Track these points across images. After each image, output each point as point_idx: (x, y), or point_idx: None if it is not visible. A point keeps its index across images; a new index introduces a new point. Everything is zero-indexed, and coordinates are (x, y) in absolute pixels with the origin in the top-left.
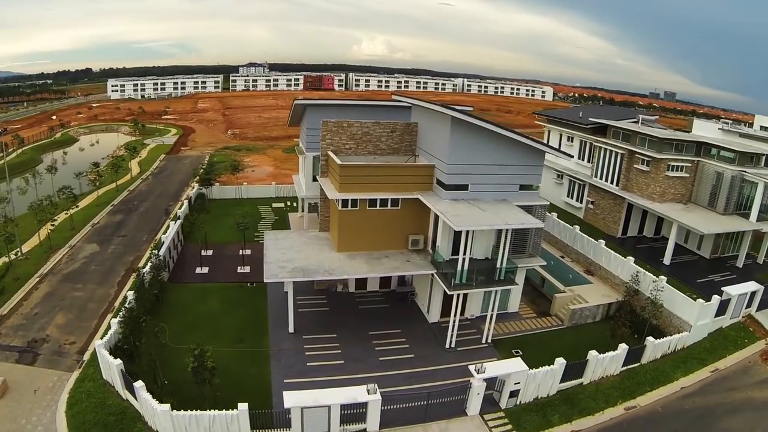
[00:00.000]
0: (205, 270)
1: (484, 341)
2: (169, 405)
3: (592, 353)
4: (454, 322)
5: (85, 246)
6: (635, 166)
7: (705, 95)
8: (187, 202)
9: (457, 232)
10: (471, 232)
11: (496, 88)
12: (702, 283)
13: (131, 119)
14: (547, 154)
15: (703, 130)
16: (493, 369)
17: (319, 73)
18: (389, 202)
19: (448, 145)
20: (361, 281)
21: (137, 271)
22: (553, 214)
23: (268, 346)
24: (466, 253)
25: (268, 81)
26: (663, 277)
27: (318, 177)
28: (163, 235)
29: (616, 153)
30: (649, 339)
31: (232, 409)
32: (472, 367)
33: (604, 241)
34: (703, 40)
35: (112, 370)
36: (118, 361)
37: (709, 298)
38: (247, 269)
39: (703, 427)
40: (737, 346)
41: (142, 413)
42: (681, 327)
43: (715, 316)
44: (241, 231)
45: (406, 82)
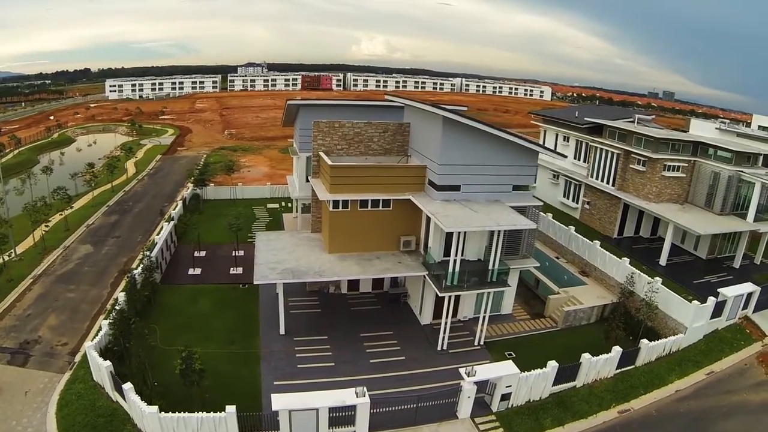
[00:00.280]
0: (198, 271)
1: (476, 343)
2: (156, 407)
3: (585, 356)
4: (445, 324)
5: (79, 247)
6: (631, 166)
7: (704, 95)
8: (181, 203)
9: (449, 234)
10: (462, 233)
11: (495, 87)
12: (698, 284)
13: (128, 119)
14: (542, 155)
15: (700, 129)
16: (484, 372)
17: (317, 73)
18: (380, 203)
19: (439, 145)
20: (354, 282)
21: (128, 272)
22: (548, 215)
23: (259, 347)
24: (458, 255)
25: (266, 81)
26: (658, 278)
27: (309, 178)
28: (157, 236)
29: (612, 153)
30: (644, 341)
31: (221, 411)
32: (462, 370)
33: (599, 242)
34: (702, 39)
35: (101, 371)
36: (108, 363)
37: (705, 300)
38: (240, 270)
39: (698, 431)
40: (733, 348)
41: (131, 415)
42: (676, 329)
43: (711, 318)
44: (234, 232)
45: (404, 82)
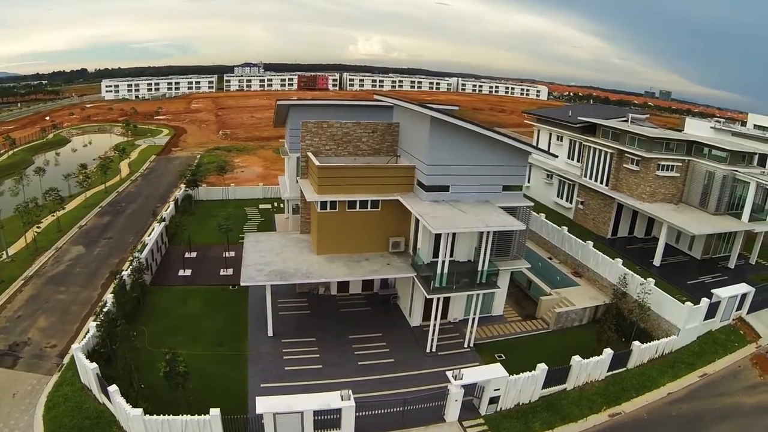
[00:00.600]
0: (188, 272)
1: (466, 345)
2: (141, 410)
3: (576, 358)
4: (434, 326)
5: (71, 248)
6: (625, 165)
7: (701, 94)
8: (173, 204)
9: (437, 235)
10: (451, 234)
11: (491, 87)
12: (692, 285)
13: (123, 120)
14: (535, 154)
15: (695, 129)
16: (471, 375)
17: (313, 73)
18: (369, 203)
19: (427, 145)
20: (344, 284)
21: (116, 274)
22: (541, 215)
23: (247, 349)
24: (446, 256)
25: (262, 81)
26: (651, 279)
27: (298, 179)
28: (147, 237)
29: (606, 152)
30: (635, 343)
31: (208, 413)
32: (449, 373)
33: (591, 243)
34: (700, 39)
35: (88, 374)
36: (94, 365)
37: (699, 301)
38: (230, 271)
39: None
40: (727, 350)
41: (117, 417)
42: (669, 330)
43: (705, 319)
44: (224, 233)
45: (401, 81)
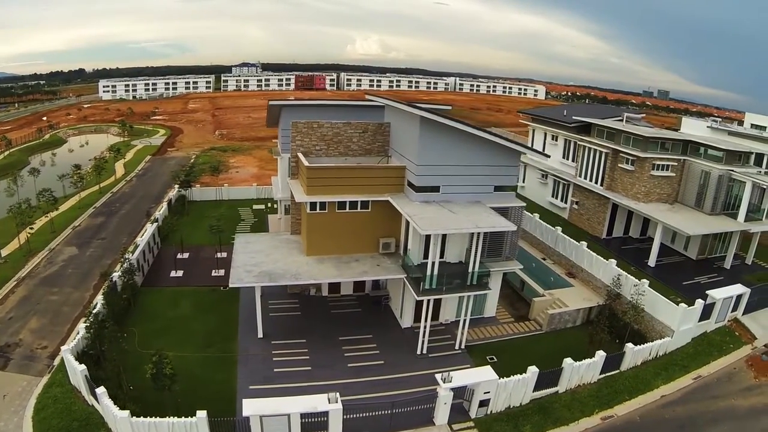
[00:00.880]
0: (180, 273)
1: (457, 347)
2: (128, 411)
3: (567, 361)
4: (425, 327)
5: (64, 249)
6: (619, 165)
7: (700, 94)
8: (166, 205)
9: (428, 236)
10: (441, 235)
11: (488, 87)
12: (687, 286)
13: (120, 120)
14: (529, 154)
15: (691, 128)
16: (461, 378)
17: (310, 73)
18: (359, 204)
19: (417, 145)
20: (335, 285)
21: (106, 276)
22: (535, 215)
23: (237, 351)
24: (435, 257)
25: (259, 81)
26: (645, 280)
27: (288, 179)
28: (140, 238)
29: (601, 152)
30: (629, 345)
31: (195, 415)
32: (438, 376)
33: (585, 243)
34: (698, 38)
35: (76, 375)
36: (82, 367)
37: (694, 302)
38: (222, 272)
39: None
40: (722, 352)
41: (105, 419)
42: (663, 332)
43: (700, 321)
44: (215, 234)
45: (398, 81)
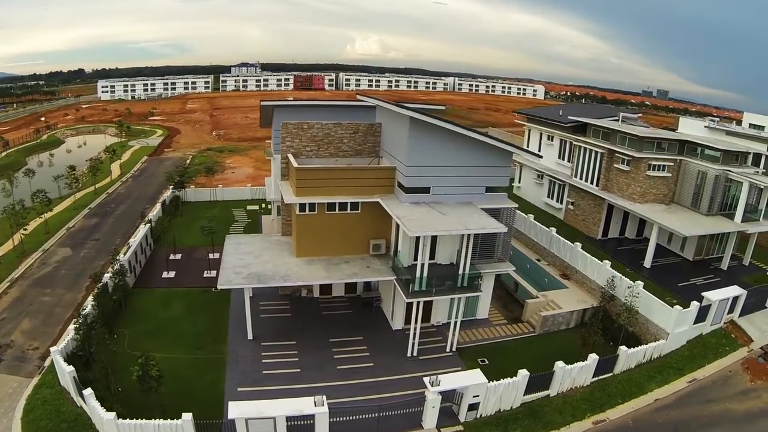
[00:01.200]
0: (172, 274)
1: (448, 350)
2: (114, 413)
3: (559, 364)
4: (414, 330)
5: (58, 250)
6: (615, 165)
7: (699, 93)
8: (160, 206)
9: (417, 237)
10: (430, 237)
11: (487, 86)
12: (683, 287)
13: (117, 121)
14: (523, 154)
15: (688, 128)
16: (449, 381)
17: (309, 73)
18: (348, 205)
19: (406, 146)
20: (326, 286)
21: (96, 278)
22: (530, 216)
23: (226, 352)
24: (425, 259)
25: (258, 81)
26: (639, 282)
27: (279, 180)
28: (132, 239)
29: (596, 152)
30: (622, 348)
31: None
32: (426, 379)
33: (580, 244)
34: (697, 38)
35: (65, 377)
36: (71, 368)
37: (689, 303)
38: (214, 273)
39: None
40: (717, 355)
41: (93, 421)
42: (658, 334)
43: (695, 323)
44: (207, 235)
45: (397, 81)
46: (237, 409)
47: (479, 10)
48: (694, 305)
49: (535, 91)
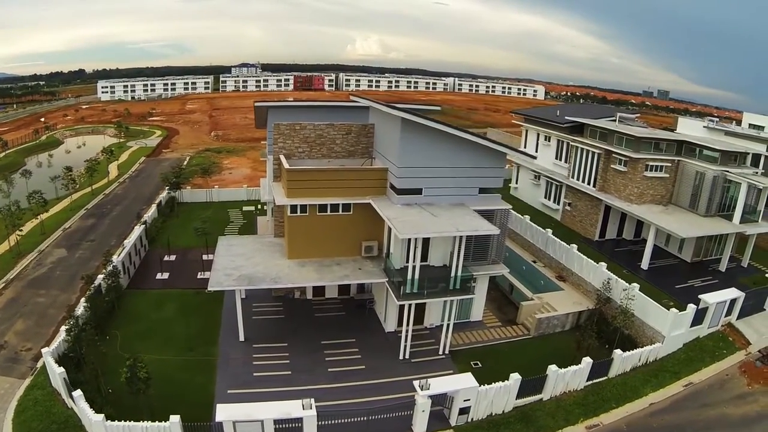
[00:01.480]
0: (166, 276)
1: (441, 352)
2: (103, 415)
3: (552, 368)
4: (406, 332)
5: (53, 251)
6: (612, 166)
7: (699, 93)
8: (155, 207)
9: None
10: (421, 238)
11: (488, 87)
12: (681, 289)
13: (116, 121)
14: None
15: (687, 128)
16: (439, 385)
17: (309, 74)
18: (340, 207)
19: (398, 147)
20: (320, 288)
21: (88, 279)
22: (526, 217)
23: (217, 354)
24: (416, 261)
25: (258, 81)
26: (635, 284)
27: (271, 181)
28: (127, 240)
29: (593, 153)
30: (617, 352)
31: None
32: (416, 383)
33: (576, 246)
34: (698, 38)
35: (56, 378)
36: (61, 370)
37: (686, 306)
38: (208, 275)
39: None
40: (714, 358)
41: (83, 422)
42: (654, 337)
43: (692, 326)
44: (200, 236)
45: (397, 81)
46: (225, 412)
47: (479, 10)
48: (691, 308)
49: (535, 91)
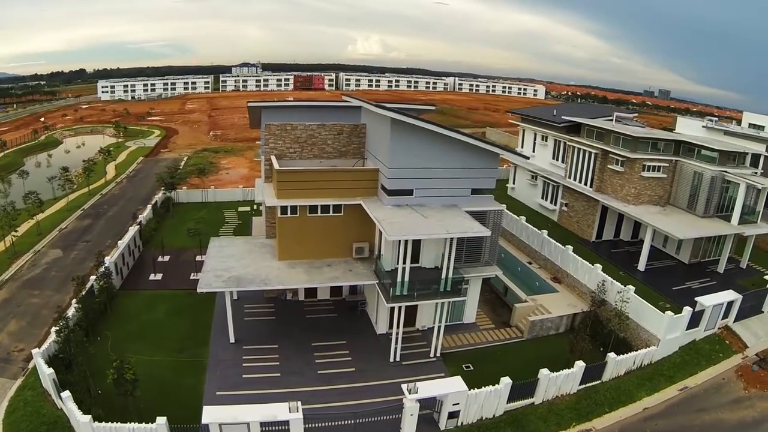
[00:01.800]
0: (159, 277)
1: (432, 355)
2: (90, 416)
3: (543, 372)
4: (397, 334)
5: (48, 251)
6: (609, 166)
7: (700, 93)
8: (150, 207)
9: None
10: (411, 240)
11: (488, 86)
12: (678, 291)
13: (114, 122)
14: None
15: (686, 128)
16: (428, 389)
17: (309, 73)
18: (331, 208)
19: (388, 147)
20: (312, 289)
21: (79, 280)
22: (521, 217)
23: (207, 356)
24: (406, 263)
25: (258, 81)
26: (630, 286)
27: (263, 182)
28: (120, 241)
29: (590, 153)
30: (610, 355)
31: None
32: (404, 386)
33: (571, 247)
34: (699, 38)
35: (45, 379)
36: (50, 371)
37: (683, 308)
38: (201, 276)
39: None
40: (710, 362)
41: (72, 423)
42: (649, 341)
43: (688, 329)
44: (193, 237)
45: (397, 81)
46: (211, 414)
47: (480, 10)
48: (687, 311)
49: (535, 91)
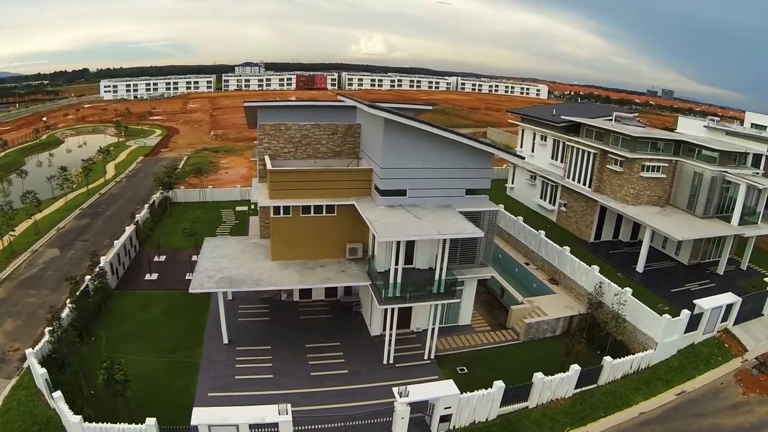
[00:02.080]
0: (155, 276)
1: (426, 357)
2: (80, 416)
3: (538, 375)
4: (390, 336)
5: (46, 251)
6: (608, 166)
7: (704, 93)
8: (147, 207)
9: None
10: (405, 241)
11: (490, 86)
12: (676, 293)
13: (116, 121)
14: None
15: (687, 127)
16: (419, 392)
17: (311, 73)
18: (324, 208)
19: (381, 147)
20: (306, 290)
21: (71, 280)
22: (519, 218)
23: (201, 357)
24: (399, 264)
25: (260, 81)
26: (627, 288)
27: (257, 182)
28: (115, 241)
29: (589, 153)
30: (606, 359)
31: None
32: (395, 389)
33: (568, 248)
34: (702, 38)
35: (38, 379)
36: (43, 371)
37: (681, 311)
38: (193, 276)
39: None
40: (709, 365)
41: (63, 423)
42: (646, 344)
43: (686, 332)
44: (188, 237)
45: (400, 81)
46: (200, 416)
47: (483, 10)
48: (685, 314)
49: (538, 90)
